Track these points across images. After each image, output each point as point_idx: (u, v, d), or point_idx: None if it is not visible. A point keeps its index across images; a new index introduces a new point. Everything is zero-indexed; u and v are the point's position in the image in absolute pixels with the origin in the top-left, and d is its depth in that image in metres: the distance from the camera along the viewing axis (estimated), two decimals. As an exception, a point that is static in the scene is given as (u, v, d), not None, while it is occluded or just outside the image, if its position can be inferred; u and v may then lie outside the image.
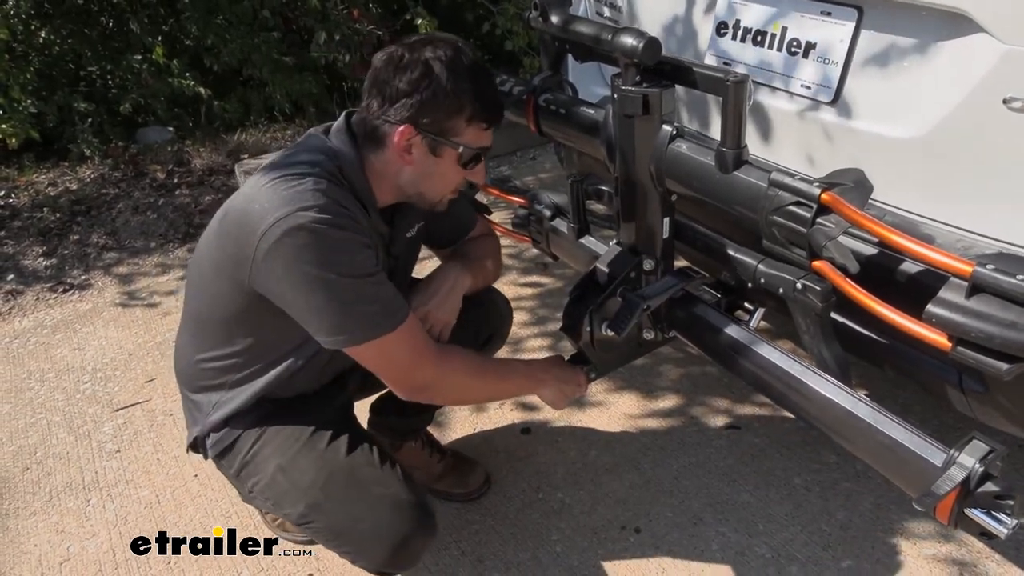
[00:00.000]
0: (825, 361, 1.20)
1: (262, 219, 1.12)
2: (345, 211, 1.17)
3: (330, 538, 1.33)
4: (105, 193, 3.40)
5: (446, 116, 1.20)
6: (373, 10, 4.16)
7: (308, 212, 1.11)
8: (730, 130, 1.11)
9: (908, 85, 1.20)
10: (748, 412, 1.98)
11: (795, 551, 1.59)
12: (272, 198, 1.13)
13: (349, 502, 1.29)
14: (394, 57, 1.19)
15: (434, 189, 1.29)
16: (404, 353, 1.24)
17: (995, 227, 1.12)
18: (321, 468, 1.31)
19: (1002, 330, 0.85)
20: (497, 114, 1.26)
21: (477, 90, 1.21)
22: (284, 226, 1.10)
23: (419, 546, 1.31)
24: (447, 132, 1.22)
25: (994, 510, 0.97)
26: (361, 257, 1.17)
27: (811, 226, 1.02)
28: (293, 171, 1.17)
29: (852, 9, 1.26)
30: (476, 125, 1.23)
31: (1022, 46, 1.04)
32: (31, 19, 3.71)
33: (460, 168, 1.26)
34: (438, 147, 1.23)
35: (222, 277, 1.24)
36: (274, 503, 1.35)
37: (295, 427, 1.35)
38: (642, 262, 1.39)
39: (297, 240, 1.11)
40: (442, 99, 1.18)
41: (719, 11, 1.51)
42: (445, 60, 1.18)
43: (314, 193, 1.14)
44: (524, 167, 3.71)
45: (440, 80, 1.17)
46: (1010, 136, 1.07)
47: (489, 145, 1.28)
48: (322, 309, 1.16)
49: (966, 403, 1.25)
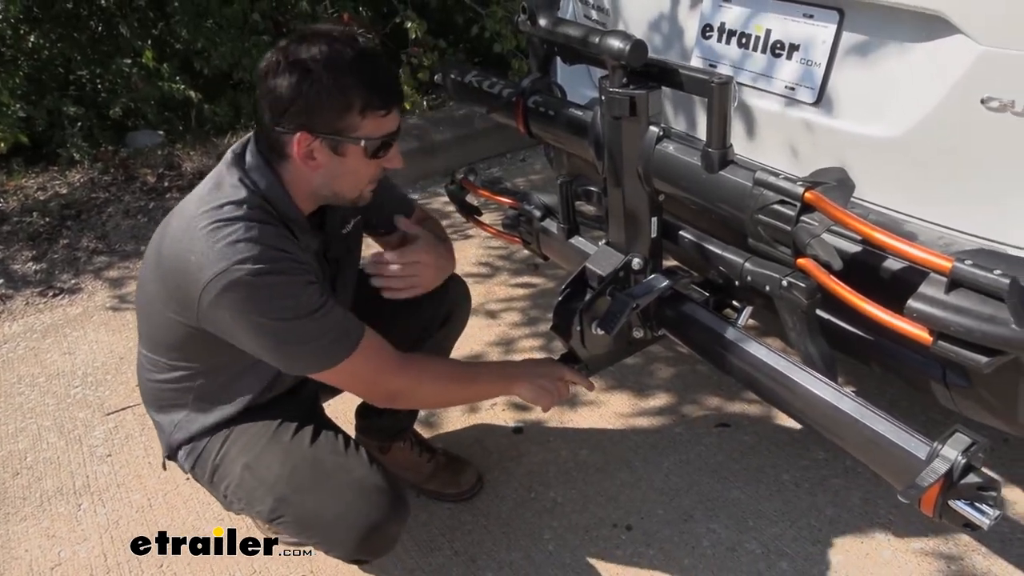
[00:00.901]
0: (811, 357, 1.22)
1: (200, 272, 1.14)
2: (281, 253, 1.17)
3: (300, 531, 1.33)
4: (95, 197, 3.39)
5: (337, 115, 1.16)
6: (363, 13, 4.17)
7: (245, 265, 1.12)
8: (715, 130, 1.13)
9: (888, 85, 1.22)
10: (738, 410, 2.00)
11: (785, 546, 1.61)
12: (207, 251, 1.14)
13: (314, 492, 1.30)
14: (272, 64, 1.16)
15: (349, 187, 1.26)
16: (366, 371, 1.28)
17: (975, 224, 1.14)
18: (285, 461, 1.32)
19: (981, 324, 0.87)
20: (391, 97, 1.20)
21: (364, 80, 1.16)
22: (224, 281, 1.13)
23: (390, 531, 1.32)
24: (344, 130, 1.17)
25: (977, 501, 0.98)
26: (305, 297, 1.18)
27: (795, 224, 1.04)
28: (223, 217, 1.16)
29: (833, 11, 1.29)
30: (372, 115, 1.18)
31: (998, 47, 1.06)
32: (20, 23, 3.70)
33: (369, 160, 1.23)
34: (339, 146, 1.19)
35: (168, 310, 1.26)
36: (246, 503, 1.36)
37: (260, 424, 1.37)
38: (631, 261, 1.40)
39: (239, 294, 1.14)
40: (327, 98, 1.14)
41: (704, 13, 1.53)
42: (322, 58, 1.14)
43: (247, 244, 1.14)
44: (514, 169, 3.73)
45: (321, 79, 1.13)
46: (987, 135, 1.09)
47: (394, 129, 1.23)
48: (275, 349, 1.21)
49: (950, 397, 1.27)
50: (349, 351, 1.23)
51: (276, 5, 3.99)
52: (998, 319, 0.86)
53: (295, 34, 1.18)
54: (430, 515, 1.74)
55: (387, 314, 1.58)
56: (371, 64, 1.18)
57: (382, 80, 1.19)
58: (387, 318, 1.60)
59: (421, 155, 3.55)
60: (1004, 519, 1.63)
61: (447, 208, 3.21)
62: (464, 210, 1.89)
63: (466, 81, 1.64)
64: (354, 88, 1.15)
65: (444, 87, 1.74)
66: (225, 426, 1.37)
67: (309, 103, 1.14)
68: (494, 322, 2.45)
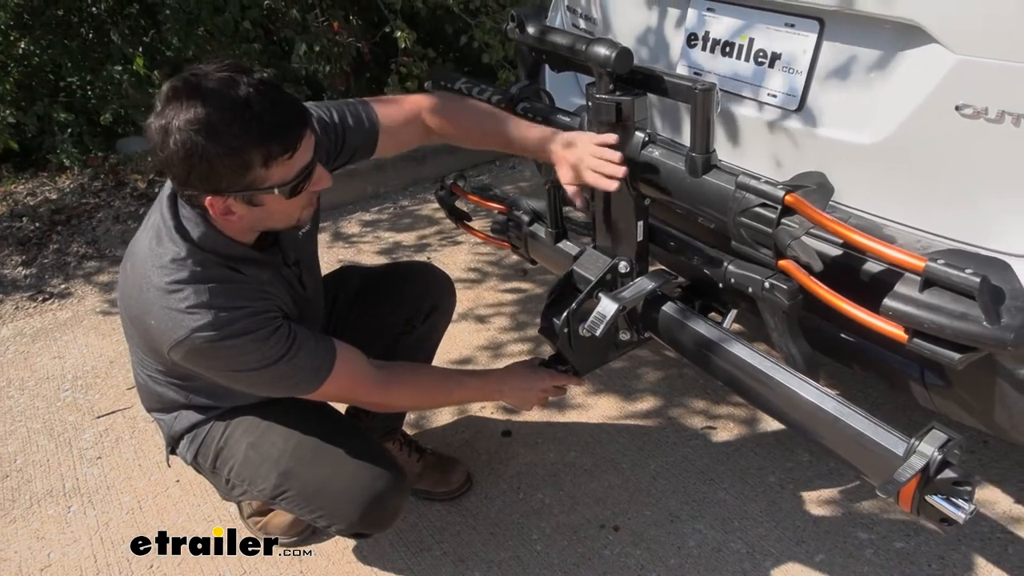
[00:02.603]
0: (793, 358, 1.25)
1: (162, 337, 1.18)
2: (235, 311, 1.17)
3: (303, 503, 1.36)
4: (85, 203, 3.39)
5: (239, 175, 1.08)
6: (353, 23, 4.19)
7: (202, 333, 1.15)
8: (699, 136, 1.16)
9: (868, 93, 1.26)
10: (724, 413, 2.03)
11: (769, 546, 1.63)
12: (163, 318, 1.16)
13: (320, 464, 1.34)
14: (157, 134, 1.06)
15: (282, 222, 1.22)
16: (344, 390, 1.34)
17: (951, 228, 1.17)
18: (290, 437, 1.36)
19: (953, 321, 0.90)
20: (291, 136, 1.09)
21: (255, 133, 1.05)
22: (185, 348, 1.17)
23: (393, 503, 1.36)
24: (252, 183, 1.09)
25: (953, 496, 1.01)
26: (268, 347, 1.20)
27: (776, 226, 1.08)
28: (171, 279, 1.16)
29: (814, 21, 1.32)
30: (277, 163, 1.09)
31: (972, 56, 1.10)
32: (11, 30, 3.71)
33: (294, 199, 1.15)
34: (254, 198, 1.12)
35: (145, 348, 1.31)
36: (249, 482, 1.39)
37: (262, 408, 1.40)
38: (618, 265, 1.43)
39: (203, 357, 1.19)
40: (221, 164, 1.05)
41: (689, 23, 1.56)
42: (198, 125, 1.03)
43: (200, 311, 1.15)
44: (504, 176, 3.76)
45: (207, 150, 1.03)
46: (962, 141, 1.13)
47: (306, 162, 1.13)
48: (252, 388, 1.29)
49: (928, 398, 1.30)
50: (323, 379, 1.27)
51: (267, 13, 4.01)
52: (970, 316, 0.89)
53: (170, 88, 1.07)
54: (419, 516, 1.75)
55: (369, 310, 1.61)
56: (259, 109, 1.05)
57: (274, 124, 1.07)
58: (369, 314, 1.62)
59: (411, 163, 3.58)
60: (983, 518, 1.66)
61: (437, 214, 3.24)
62: (453, 215, 1.91)
63: (455, 88, 1.67)
64: (247, 145, 1.05)
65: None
66: (227, 416, 1.40)
67: (205, 173, 1.06)
68: (483, 326, 2.47)
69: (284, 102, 1.09)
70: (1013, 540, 1.61)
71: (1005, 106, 1.07)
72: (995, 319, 0.89)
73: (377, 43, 4.14)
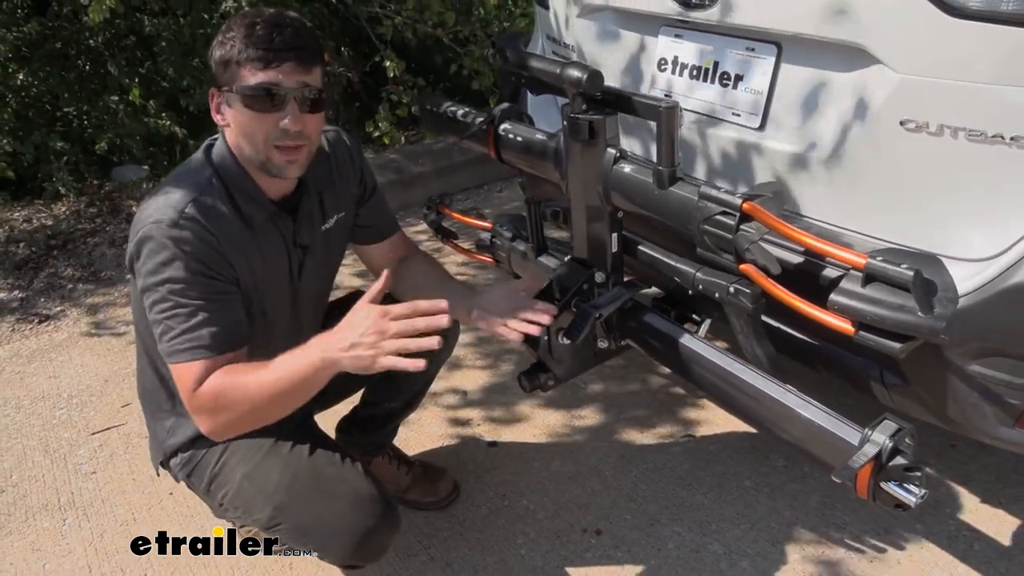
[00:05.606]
0: (758, 357, 1.33)
1: (135, 228, 1.26)
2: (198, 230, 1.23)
3: (297, 536, 1.37)
4: (81, 228, 3.46)
5: (224, 66, 1.22)
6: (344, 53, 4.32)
7: (159, 224, 1.22)
8: (664, 150, 1.25)
9: (822, 110, 1.35)
10: (702, 421, 2.10)
11: (746, 547, 1.69)
12: (144, 209, 1.27)
13: (313, 500, 1.34)
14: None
15: (251, 144, 1.26)
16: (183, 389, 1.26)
17: (897, 233, 1.26)
18: (285, 471, 1.36)
19: (892, 312, 0.98)
20: (273, 51, 1.18)
21: (247, 33, 1.19)
22: (140, 234, 1.23)
23: (383, 538, 1.36)
24: (228, 81, 1.22)
25: (904, 482, 1.08)
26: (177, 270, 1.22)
27: (735, 232, 1.16)
28: (172, 186, 1.28)
29: (772, 45, 1.42)
30: (250, 66, 1.19)
31: (913, 75, 1.19)
32: (9, 61, 3.80)
33: (253, 112, 1.22)
34: (229, 98, 1.24)
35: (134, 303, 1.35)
36: (243, 511, 1.40)
37: (258, 438, 1.38)
38: (594, 275, 1.50)
39: (142, 246, 1.23)
40: (218, 51, 1.22)
41: (660, 49, 1.66)
42: (238, 15, 1.23)
43: (174, 206, 1.23)
44: (491, 200, 3.86)
45: (223, 33, 1.22)
46: (906, 153, 1.22)
47: (270, 81, 1.20)
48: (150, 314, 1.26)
49: (887, 395, 1.37)
50: (173, 361, 1.24)
51: (261, 45, 4.11)
52: (906, 307, 0.97)
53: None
54: (408, 522, 1.80)
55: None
56: (270, 22, 1.20)
57: (265, 35, 1.19)
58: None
59: (400, 187, 3.67)
60: (951, 518, 1.72)
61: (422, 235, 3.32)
62: (441, 235, 1.99)
63: (441, 111, 1.76)
64: (235, 40, 1.20)
65: (421, 118, 1.86)
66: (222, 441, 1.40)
67: (214, 57, 1.24)
68: (465, 335, 2.54)
69: (291, 27, 1.21)
70: (978, 538, 1.68)
71: (944, 120, 1.17)
72: (928, 309, 0.97)
73: (368, 72, 4.26)
